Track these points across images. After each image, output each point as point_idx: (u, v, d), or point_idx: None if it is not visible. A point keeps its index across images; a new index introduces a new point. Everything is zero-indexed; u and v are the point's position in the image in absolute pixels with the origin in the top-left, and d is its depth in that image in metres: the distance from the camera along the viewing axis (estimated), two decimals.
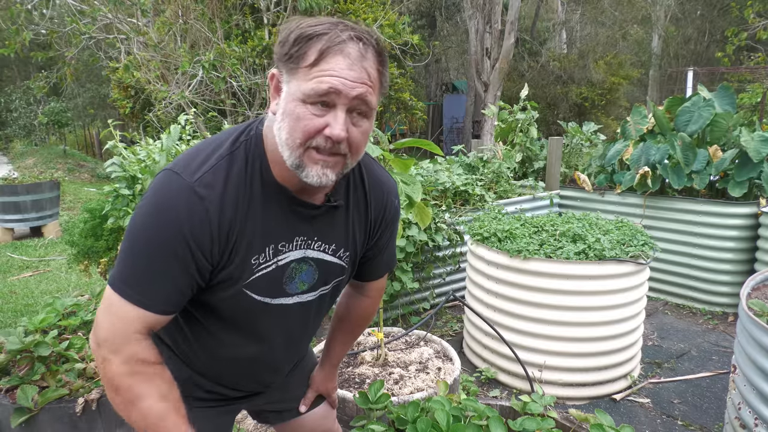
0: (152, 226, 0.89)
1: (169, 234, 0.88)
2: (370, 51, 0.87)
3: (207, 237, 0.90)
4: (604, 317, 2.65)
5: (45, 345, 1.82)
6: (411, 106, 10.73)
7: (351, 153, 0.92)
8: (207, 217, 0.89)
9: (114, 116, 12.05)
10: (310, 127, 0.87)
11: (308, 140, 0.88)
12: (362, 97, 0.87)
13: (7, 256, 5.71)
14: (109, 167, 3.10)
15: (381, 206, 1.14)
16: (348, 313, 1.35)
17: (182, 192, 0.89)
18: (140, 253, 0.89)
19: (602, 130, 8.06)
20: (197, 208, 0.89)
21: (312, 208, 1.01)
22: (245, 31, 6.97)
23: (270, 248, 0.99)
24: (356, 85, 0.85)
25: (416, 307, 3.84)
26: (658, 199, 4.11)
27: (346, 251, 1.11)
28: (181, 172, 0.90)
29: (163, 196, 0.90)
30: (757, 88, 9.96)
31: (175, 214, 0.88)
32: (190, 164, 0.92)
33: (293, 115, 0.87)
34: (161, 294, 0.91)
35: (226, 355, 1.12)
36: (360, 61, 0.86)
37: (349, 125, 0.89)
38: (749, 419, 1.79)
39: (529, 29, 15.94)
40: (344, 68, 0.84)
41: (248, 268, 0.98)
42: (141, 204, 0.91)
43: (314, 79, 0.85)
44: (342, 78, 0.84)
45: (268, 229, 0.98)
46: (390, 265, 1.28)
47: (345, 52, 0.85)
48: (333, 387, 1.43)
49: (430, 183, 4.21)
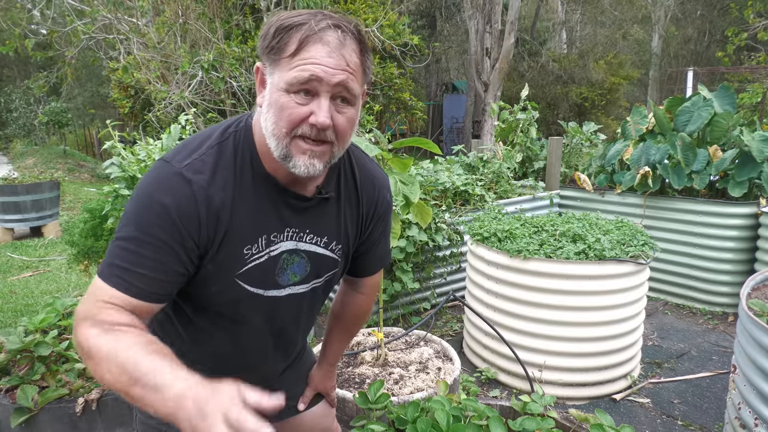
0: (140, 211, 0.90)
1: (155, 217, 0.88)
2: (349, 38, 0.88)
3: (194, 219, 0.90)
4: (604, 317, 2.65)
5: (45, 345, 1.82)
6: (411, 106, 10.74)
7: (337, 141, 0.92)
8: (194, 199, 0.90)
9: (114, 116, 12.05)
10: (295, 115, 0.88)
11: (294, 129, 0.89)
12: (344, 83, 0.88)
13: (7, 256, 5.71)
14: (109, 168, 3.10)
15: (373, 199, 1.15)
16: (343, 309, 1.36)
17: (170, 177, 0.91)
18: (127, 238, 0.89)
19: (602, 130, 8.06)
20: (184, 191, 0.90)
21: (303, 200, 1.02)
22: (245, 31, 6.97)
23: (262, 239, 1.00)
24: (337, 71, 0.86)
25: (416, 307, 3.84)
26: (658, 199, 4.11)
27: (338, 244, 1.11)
28: (171, 160, 0.93)
29: (152, 183, 0.92)
30: (757, 88, 9.96)
31: (162, 196, 0.89)
32: (180, 153, 0.95)
33: (277, 105, 0.88)
34: (145, 279, 0.89)
35: (219, 349, 1.12)
36: (339, 48, 0.87)
37: (334, 112, 0.89)
38: (749, 419, 1.79)
39: (529, 29, 15.95)
40: (324, 56, 0.86)
41: (240, 258, 0.98)
42: (132, 194, 0.93)
43: (295, 68, 0.86)
44: (322, 65, 0.86)
45: (260, 220, 0.98)
46: (384, 261, 1.28)
47: (324, 39, 0.86)
48: (332, 386, 1.43)
49: (430, 183, 4.21)
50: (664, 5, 16.62)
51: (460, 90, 17.53)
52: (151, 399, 0.74)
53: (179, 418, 0.71)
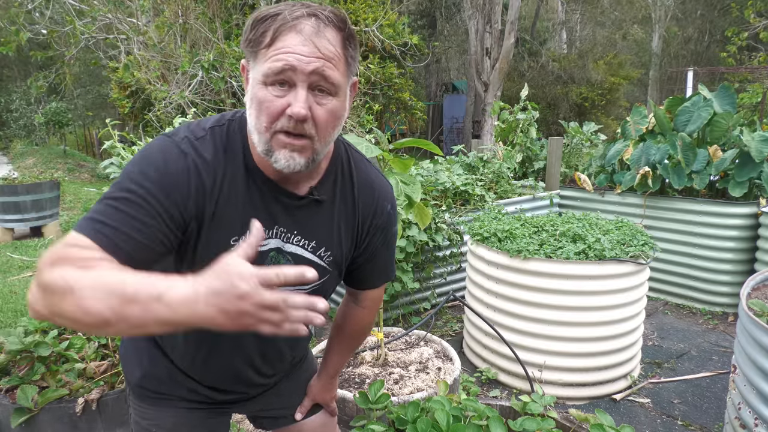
0: (132, 173, 0.88)
1: (146, 180, 0.87)
2: (326, 26, 0.87)
3: (184, 189, 0.89)
4: (604, 317, 2.65)
5: (45, 345, 1.82)
6: (411, 106, 10.74)
7: (318, 134, 0.90)
8: (186, 170, 0.90)
9: (114, 116, 12.05)
10: (273, 109, 0.87)
11: (273, 123, 0.87)
12: (320, 71, 0.85)
13: (7, 256, 5.71)
14: (108, 168, 3.09)
15: (370, 208, 1.10)
16: (344, 322, 1.32)
17: (168, 147, 0.91)
18: (113, 197, 0.86)
19: (602, 130, 8.06)
20: (178, 160, 0.90)
21: (294, 198, 1.00)
22: None
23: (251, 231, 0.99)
24: (311, 59, 0.84)
25: (416, 307, 3.84)
26: (658, 199, 4.11)
27: (328, 251, 1.07)
28: (171, 135, 0.94)
29: (149, 150, 0.92)
30: (757, 88, 9.96)
31: (156, 161, 0.89)
32: (180, 131, 0.95)
33: (257, 99, 0.88)
34: (121, 234, 0.81)
35: (201, 351, 1.10)
36: (314, 36, 0.85)
37: (312, 103, 0.87)
38: (749, 419, 1.79)
39: (529, 29, 15.95)
40: (297, 44, 0.84)
41: (227, 249, 0.96)
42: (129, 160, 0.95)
43: (270, 59, 0.85)
44: (296, 54, 0.84)
45: (249, 211, 0.97)
46: (387, 275, 1.23)
47: (298, 28, 0.85)
48: (331, 397, 1.40)
49: (431, 183, 4.21)
50: (665, 5, 16.62)
51: (460, 90, 17.53)
52: (155, 312, 0.65)
53: (202, 316, 0.65)
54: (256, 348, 1.14)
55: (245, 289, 0.65)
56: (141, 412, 1.19)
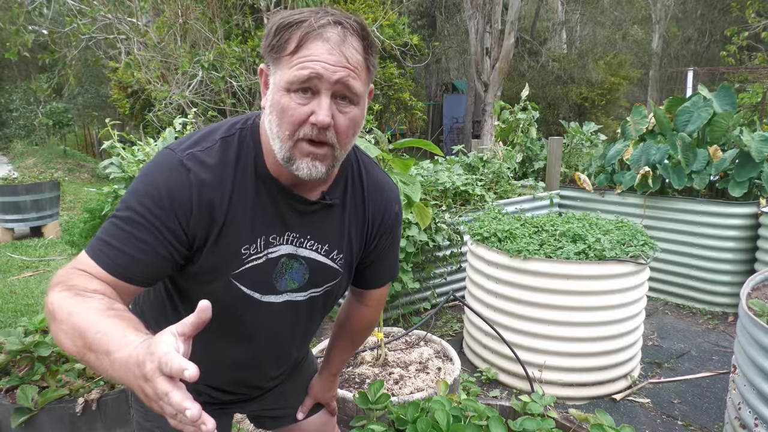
0: (136, 192, 0.89)
1: (148, 198, 0.88)
2: (351, 35, 0.86)
3: (186, 206, 0.89)
4: (604, 317, 2.65)
5: (45, 345, 1.82)
6: (411, 106, 10.74)
7: (339, 142, 0.90)
8: (189, 187, 0.90)
9: (113, 116, 12.05)
10: (296, 116, 0.86)
11: (296, 130, 0.87)
12: (344, 81, 0.85)
13: (7, 256, 5.71)
14: (108, 168, 3.10)
15: (380, 210, 1.12)
16: (347, 320, 1.32)
17: (170, 163, 0.91)
18: (119, 216, 0.89)
19: (602, 130, 8.06)
20: (181, 177, 0.90)
21: (306, 204, 1.00)
22: (245, 31, 6.97)
23: (261, 239, 0.98)
24: (337, 69, 0.84)
25: (417, 307, 3.84)
26: (658, 199, 4.11)
27: (340, 253, 1.08)
28: (174, 149, 0.93)
29: (151, 167, 0.92)
30: (757, 88, 9.96)
31: (158, 179, 0.89)
32: (184, 143, 0.95)
33: (279, 106, 0.87)
34: (125, 256, 0.86)
35: (211, 355, 1.09)
36: (340, 45, 0.85)
37: (335, 111, 0.87)
38: (749, 419, 1.79)
39: (529, 29, 15.95)
40: (324, 53, 0.84)
41: (238, 258, 0.97)
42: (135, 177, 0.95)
43: (295, 66, 0.84)
44: (322, 62, 0.84)
45: (259, 220, 0.97)
46: (391, 274, 1.25)
47: (324, 36, 0.84)
48: (332, 396, 1.41)
49: (431, 183, 4.21)
50: (665, 5, 16.62)
51: (460, 90, 17.53)
52: (104, 365, 0.69)
53: (130, 384, 0.65)
54: (269, 351, 1.14)
55: (146, 369, 0.62)
56: (144, 413, 1.19)
